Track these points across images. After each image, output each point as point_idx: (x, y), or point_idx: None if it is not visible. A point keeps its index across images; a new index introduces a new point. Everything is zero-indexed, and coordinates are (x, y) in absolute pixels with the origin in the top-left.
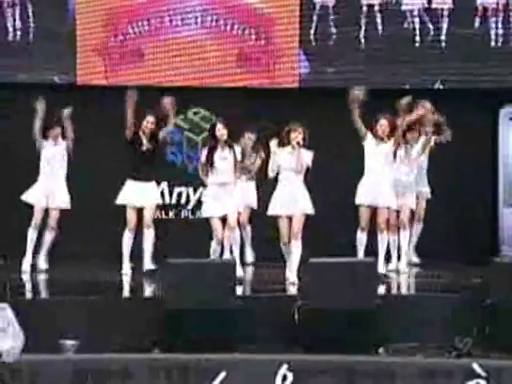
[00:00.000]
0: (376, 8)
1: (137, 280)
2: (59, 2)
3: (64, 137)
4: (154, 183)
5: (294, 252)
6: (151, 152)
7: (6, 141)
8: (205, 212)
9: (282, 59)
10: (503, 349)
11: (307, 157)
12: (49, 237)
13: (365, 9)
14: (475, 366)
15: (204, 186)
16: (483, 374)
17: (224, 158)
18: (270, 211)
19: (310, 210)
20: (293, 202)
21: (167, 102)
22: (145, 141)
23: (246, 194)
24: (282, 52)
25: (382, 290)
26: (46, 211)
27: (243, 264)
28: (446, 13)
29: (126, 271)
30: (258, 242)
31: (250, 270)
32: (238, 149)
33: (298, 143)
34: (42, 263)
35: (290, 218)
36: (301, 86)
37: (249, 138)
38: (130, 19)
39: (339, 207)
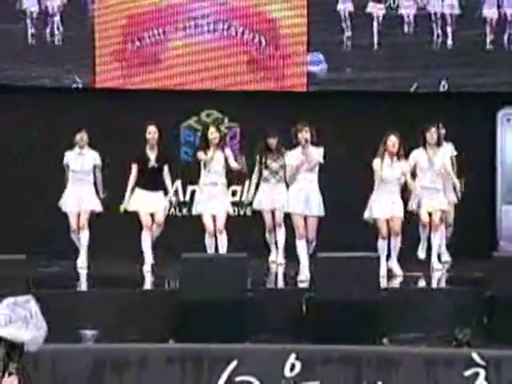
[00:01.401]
0: (382, 14)
1: (153, 274)
2: (79, 9)
3: (90, 145)
4: (161, 193)
5: (306, 251)
6: (157, 168)
7: (30, 143)
8: (195, 209)
9: (291, 64)
10: (501, 339)
11: (317, 153)
12: (83, 236)
13: (375, 15)
14: (474, 356)
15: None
16: (482, 363)
17: (216, 160)
18: (285, 209)
19: (322, 213)
20: (308, 204)
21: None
22: (152, 159)
23: (277, 195)
24: (290, 57)
25: (386, 283)
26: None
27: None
28: (453, 20)
29: (148, 266)
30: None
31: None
32: (228, 151)
33: (306, 140)
34: (83, 262)
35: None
36: (308, 90)
37: (271, 143)
38: (146, 26)
39: (346, 208)
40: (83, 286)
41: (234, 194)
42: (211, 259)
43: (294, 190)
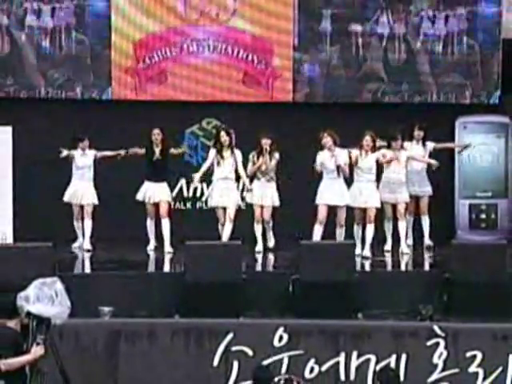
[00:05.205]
0: (360, 33)
1: (161, 258)
2: (99, 32)
3: (91, 147)
4: (165, 183)
5: (339, 237)
6: (161, 160)
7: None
8: (210, 202)
9: (279, 79)
10: (458, 314)
11: (341, 155)
12: (87, 224)
13: (353, 34)
14: (435, 328)
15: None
16: (442, 334)
17: (227, 158)
18: (318, 201)
19: (349, 201)
20: (338, 196)
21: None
22: (157, 152)
23: (266, 193)
24: (278, 73)
25: (360, 266)
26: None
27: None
28: (409, 37)
29: (151, 248)
30: None
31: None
32: (237, 152)
33: (329, 146)
34: (87, 245)
35: (328, 206)
36: (294, 101)
37: (265, 143)
38: (155, 47)
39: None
40: (102, 269)
41: None
42: (210, 246)
43: (322, 187)
